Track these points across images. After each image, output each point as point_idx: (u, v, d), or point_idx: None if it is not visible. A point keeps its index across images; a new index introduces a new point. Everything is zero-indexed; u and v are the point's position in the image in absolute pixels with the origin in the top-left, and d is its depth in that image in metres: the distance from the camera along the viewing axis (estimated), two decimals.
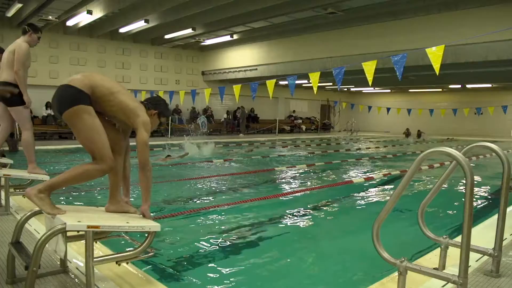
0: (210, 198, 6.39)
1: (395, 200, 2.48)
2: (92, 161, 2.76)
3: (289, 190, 7.11)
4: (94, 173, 2.74)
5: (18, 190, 5.02)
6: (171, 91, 13.41)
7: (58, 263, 2.94)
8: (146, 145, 2.80)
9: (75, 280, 2.75)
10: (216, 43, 19.03)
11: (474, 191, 2.27)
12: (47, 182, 2.68)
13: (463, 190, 2.25)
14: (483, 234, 3.68)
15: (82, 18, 14.08)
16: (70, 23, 14.88)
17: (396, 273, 2.52)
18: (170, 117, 3.21)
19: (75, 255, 3.14)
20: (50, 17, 14.00)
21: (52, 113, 16.97)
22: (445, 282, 2.68)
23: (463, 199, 2.24)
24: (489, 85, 22.22)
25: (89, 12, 12.88)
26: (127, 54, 19.16)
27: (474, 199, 2.43)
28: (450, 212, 5.69)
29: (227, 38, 17.37)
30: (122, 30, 15.91)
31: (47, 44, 16.65)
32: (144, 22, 14.08)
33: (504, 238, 2.94)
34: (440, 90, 26.59)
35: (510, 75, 16.09)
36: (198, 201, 6.12)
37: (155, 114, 3.05)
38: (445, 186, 7.05)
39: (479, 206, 6.10)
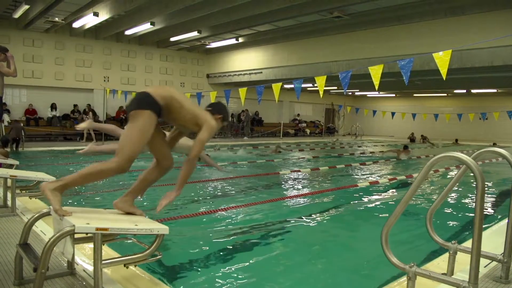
0: (217, 200, 6.37)
1: (404, 205, 2.47)
2: (111, 159, 2.81)
3: (294, 194, 7.08)
4: (108, 172, 2.80)
5: (24, 191, 5.04)
6: None
7: (65, 265, 2.93)
8: (203, 144, 3.04)
9: (83, 283, 2.74)
10: (222, 46, 19.10)
11: None
12: (63, 181, 2.69)
13: (472, 195, 2.23)
14: (491, 239, 3.65)
15: (88, 20, 14.15)
16: (76, 25, 14.96)
17: (404, 278, 2.50)
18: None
19: (82, 257, 3.14)
20: (57, 18, 14.10)
21: (57, 115, 17.04)
22: None
23: (473, 204, 2.22)
24: (494, 90, 22.18)
25: (96, 14, 12.94)
26: (132, 56, 19.23)
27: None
28: (458, 217, 5.65)
29: (233, 41, 17.42)
30: (128, 32, 15.99)
31: (53, 45, 16.76)
32: (150, 24, 14.14)
33: None
34: (445, 95, 26.52)
35: None
36: (205, 204, 6.10)
37: (219, 118, 3.30)
38: (455, 190, 7.02)
39: (487, 211, 6.05)
